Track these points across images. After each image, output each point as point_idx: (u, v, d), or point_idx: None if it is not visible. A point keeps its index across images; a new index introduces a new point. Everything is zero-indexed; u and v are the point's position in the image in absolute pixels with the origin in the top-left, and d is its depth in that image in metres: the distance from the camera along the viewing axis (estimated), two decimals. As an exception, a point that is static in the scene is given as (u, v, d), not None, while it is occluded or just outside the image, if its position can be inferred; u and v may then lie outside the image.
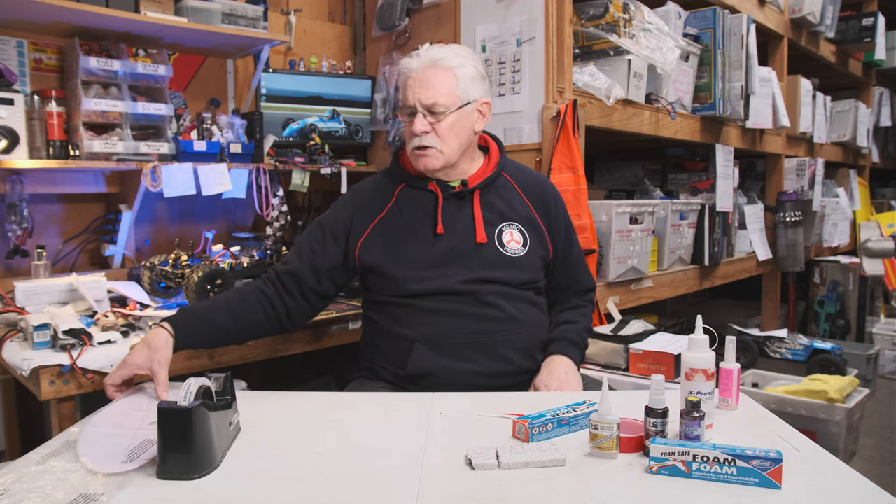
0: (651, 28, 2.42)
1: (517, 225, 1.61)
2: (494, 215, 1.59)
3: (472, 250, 1.55)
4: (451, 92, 1.53)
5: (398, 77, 1.64)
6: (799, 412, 2.47)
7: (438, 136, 1.53)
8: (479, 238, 1.55)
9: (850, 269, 4.16)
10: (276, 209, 2.54)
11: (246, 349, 1.81)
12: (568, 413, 1.19)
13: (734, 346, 1.30)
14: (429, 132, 1.53)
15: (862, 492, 0.97)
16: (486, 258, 1.55)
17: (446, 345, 1.51)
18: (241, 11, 2.39)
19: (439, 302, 1.52)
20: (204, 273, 1.86)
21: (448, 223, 1.56)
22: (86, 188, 2.30)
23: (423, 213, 1.58)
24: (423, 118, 1.53)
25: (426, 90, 1.52)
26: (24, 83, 2.18)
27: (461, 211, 1.58)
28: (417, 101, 1.53)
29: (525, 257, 1.58)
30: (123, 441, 1.10)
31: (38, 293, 1.79)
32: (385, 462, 1.07)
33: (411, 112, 1.54)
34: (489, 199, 1.61)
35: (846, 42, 4.23)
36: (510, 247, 1.58)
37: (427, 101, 1.52)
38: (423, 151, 1.54)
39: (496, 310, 1.53)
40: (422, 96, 1.52)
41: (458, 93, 1.54)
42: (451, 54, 1.56)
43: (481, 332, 1.52)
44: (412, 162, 1.59)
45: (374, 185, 1.68)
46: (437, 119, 1.53)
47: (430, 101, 1.52)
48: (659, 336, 2.17)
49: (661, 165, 3.47)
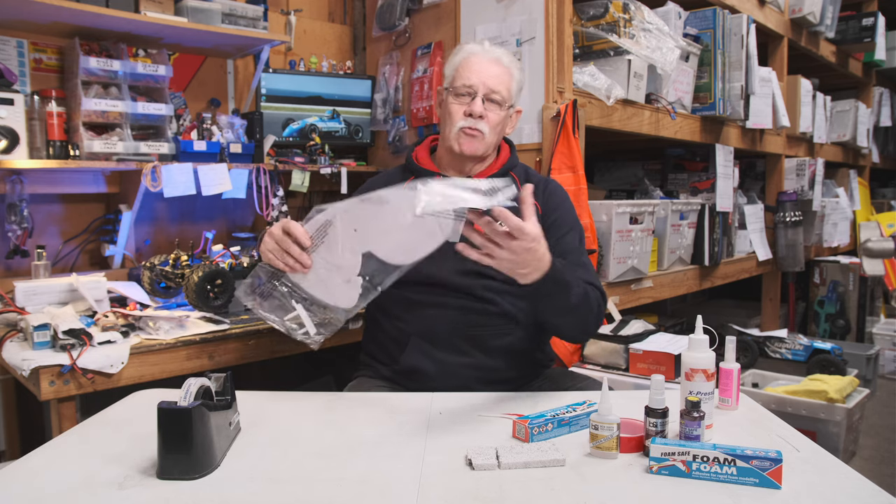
0: (651, 28, 2.42)
1: None
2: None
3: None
4: (509, 88, 1.58)
5: (451, 60, 1.63)
6: (799, 412, 2.47)
7: (489, 125, 1.56)
8: None
9: (850, 269, 4.16)
10: (276, 209, 2.54)
11: (246, 349, 1.81)
12: (568, 413, 1.19)
13: (734, 346, 1.30)
14: (483, 117, 1.55)
15: (862, 492, 0.97)
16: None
17: (441, 338, 1.51)
18: (241, 11, 2.39)
19: (434, 295, 1.53)
20: (204, 273, 1.86)
21: None
22: (86, 188, 2.30)
23: None
24: (481, 102, 1.55)
25: (493, 77, 1.56)
26: (24, 83, 2.18)
27: None
28: (482, 83, 1.55)
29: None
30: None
31: (38, 293, 1.79)
32: (385, 462, 1.07)
33: (469, 92, 1.55)
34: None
35: (846, 42, 4.22)
36: None
37: (494, 87, 1.55)
38: (473, 132, 1.56)
39: (490, 304, 1.53)
40: (488, 80, 1.55)
41: (511, 91, 1.59)
42: (509, 57, 1.61)
43: (475, 325, 1.52)
44: (453, 143, 1.57)
45: (387, 177, 1.70)
46: (492, 108, 1.56)
47: (496, 88, 1.55)
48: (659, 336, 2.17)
49: (661, 165, 3.47)
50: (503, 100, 1.57)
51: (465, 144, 1.56)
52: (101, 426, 1.24)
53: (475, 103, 1.55)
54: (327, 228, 1.25)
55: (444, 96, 1.63)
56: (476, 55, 1.59)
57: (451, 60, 1.64)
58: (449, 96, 1.59)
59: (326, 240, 1.27)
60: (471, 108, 1.54)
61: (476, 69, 1.56)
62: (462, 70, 1.58)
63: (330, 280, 1.29)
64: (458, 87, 1.57)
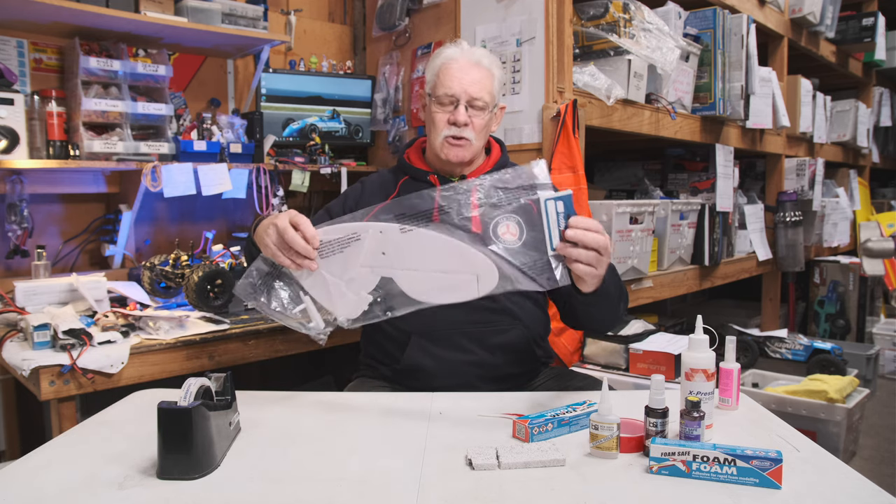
0: (651, 28, 2.41)
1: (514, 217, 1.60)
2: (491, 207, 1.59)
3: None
4: (491, 91, 1.58)
5: (431, 64, 1.62)
6: (799, 412, 2.47)
7: (474, 131, 1.56)
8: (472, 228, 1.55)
9: (850, 269, 4.16)
10: (276, 209, 2.54)
11: (246, 349, 1.81)
12: (568, 413, 1.19)
13: (734, 346, 1.30)
14: (468, 125, 1.55)
15: (862, 492, 0.97)
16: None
17: (441, 336, 1.51)
18: (241, 11, 2.39)
19: None
20: (204, 273, 1.86)
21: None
22: (86, 188, 2.30)
23: None
24: (464, 110, 1.54)
25: (474, 83, 1.55)
26: (24, 83, 2.18)
27: None
28: (464, 91, 1.54)
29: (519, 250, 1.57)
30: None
31: (38, 293, 1.79)
32: (385, 462, 1.07)
33: (452, 101, 1.55)
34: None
35: (846, 42, 4.22)
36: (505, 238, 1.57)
37: (475, 94, 1.54)
38: (459, 142, 1.56)
39: (489, 300, 1.52)
40: (470, 88, 1.54)
41: (494, 93, 1.59)
42: (488, 57, 1.60)
43: (475, 322, 1.52)
44: (439, 151, 1.57)
45: (380, 178, 1.71)
46: (476, 114, 1.56)
47: (477, 95, 1.54)
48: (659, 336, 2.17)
49: (661, 165, 3.47)
50: (486, 104, 1.56)
51: (451, 153, 1.56)
52: (101, 426, 1.24)
53: (458, 112, 1.54)
54: (351, 241, 1.20)
55: (426, 101, 1.63)
56: (455, 60, 1.57)
57: (431, 64, 1.62)
58: (432, 104, 1.59)
59: (346, 251, 1.21)
60: (455, 118, 1.54)
61: (457, 76, 1.55)
62: (443, 77, 1.57)
63: (335, 287, 1.25)
64: (441, 96, 1.56)
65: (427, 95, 1.62)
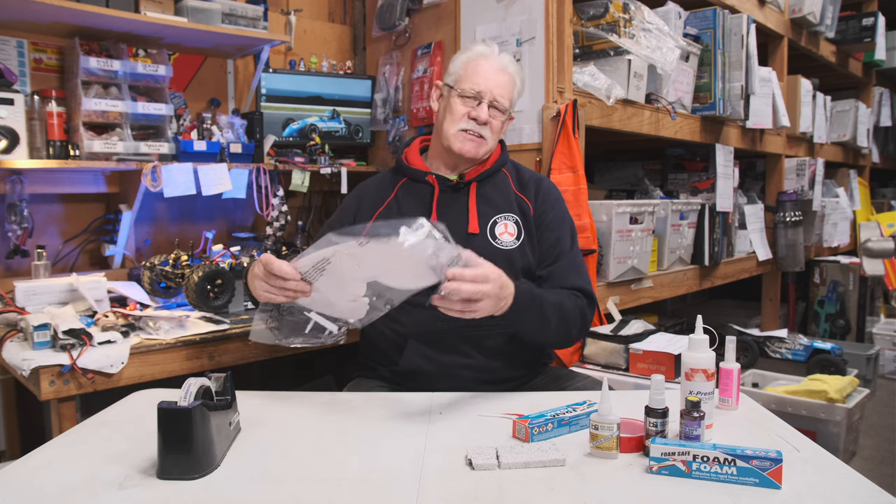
0: (651, 28, 2.42)
1: (512, 216, 1.60)
2: (490, 207, 1.60)
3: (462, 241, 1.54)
4: (511, 98, 1.62)
5: (458, 57, 1.64)
6: (799, 412, 2.47)
7: (491, 131, 1.59)
8: (470, 228, 1.55)
9: (850, 269, 4.16)
10: (276, 209, 2.54)
11: (246, 349, 1.81)
12: (568, 413, 1.19)
13: (734, 346, 1.30)
14: (487, 124, 1.57)
15: (862, 492, 0.97)
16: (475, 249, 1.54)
17: (439, 340, 1.51)
18: (241, 11, 2.39)
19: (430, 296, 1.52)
20: (204, 273, 1.86)
21: (442, 214, 1.57)
22: (86, 188, 2.30)
23: (419, 205, 1.59)
24: (486, 108, 1.57)
25: (500, 86, 1.58)
26: (24, 83, 2.18)
27: (457, 202, 1.59)
28: (489, 91, 1.57)
29: (517, 250, 1.56)
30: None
31: (38, 293, 1.79)
32: (385, 462, 1.07)
33: (476, 97, 1.57)
34: (486, 191, 1.62)
35: (846, 42, 4.22)
36: (502, 239, 1.58)
37: (500, 96, 1.58)
38: (474, 138, 1.58)
39: None
40: (496, 89, 1.57)
41: (513, 100, 1.63)
42: (514, 65, 1.64)
43: (473, 326, 1.51)
44: (452, 142, 1.58)
45: (378, 181, 1.71)
46: (495, 115, 1.58)
47: (501, 97, 1.58)
48: (659, 336, 2.17)
49: (661, 165, 3.47)
50: (505, 108, 1.60)
51: (465, 146, 1.57)
52: (101, 426, 1.24)
53: (481, 109, 1.56)
54: (325, 266, 1.27)
55: (445, 92, 1.63)
56: (486, 59, 1.60)
57: (459, 57, 1.63)
58: (453, 94, 1.59)
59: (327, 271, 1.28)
60: (477, 114, 1.56)
61: (485, 75, 1.57)
62: (471, 72, 1.58)
63: (336, 300, 1.33)
64: (466, 90, 1.58)
65: (446, 86, 1.63)
